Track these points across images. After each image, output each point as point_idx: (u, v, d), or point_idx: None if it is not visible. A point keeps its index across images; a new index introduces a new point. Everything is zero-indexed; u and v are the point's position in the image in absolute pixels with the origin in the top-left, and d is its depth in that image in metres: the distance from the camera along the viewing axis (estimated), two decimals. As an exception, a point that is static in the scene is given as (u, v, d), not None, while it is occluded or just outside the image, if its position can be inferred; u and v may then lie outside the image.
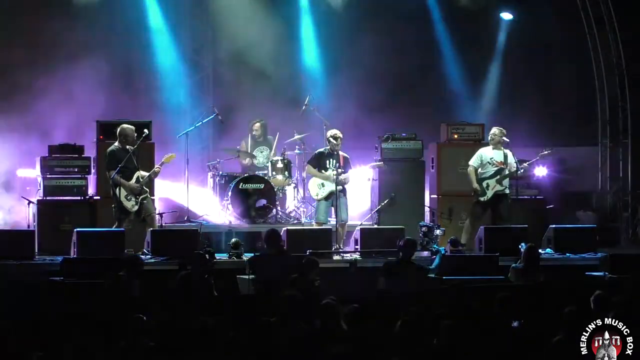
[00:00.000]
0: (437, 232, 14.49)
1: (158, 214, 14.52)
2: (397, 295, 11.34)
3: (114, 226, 13.90)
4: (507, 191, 14.93)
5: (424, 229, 14.53)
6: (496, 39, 18.64)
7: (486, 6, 18.19)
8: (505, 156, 14.90)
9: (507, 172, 14.83)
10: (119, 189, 13.78)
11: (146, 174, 14.08)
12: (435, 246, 14.33)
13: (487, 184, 14.84)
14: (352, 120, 16.96)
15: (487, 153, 14.96)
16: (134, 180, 13.94)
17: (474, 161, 14.94)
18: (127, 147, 14.02)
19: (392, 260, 12.38)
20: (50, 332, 9.24)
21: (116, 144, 14.08)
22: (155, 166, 14.20)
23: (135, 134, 14.16)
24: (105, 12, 16.83)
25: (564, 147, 18.12)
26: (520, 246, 12.94)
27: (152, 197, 14.49)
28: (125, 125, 14.16)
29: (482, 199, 14.86)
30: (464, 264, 13.27)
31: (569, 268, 13.90)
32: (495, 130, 15.07)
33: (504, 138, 14.93)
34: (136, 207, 13.95)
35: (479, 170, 14.89)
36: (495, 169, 14.86)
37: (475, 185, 14.82)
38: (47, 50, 16.78)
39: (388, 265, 12.27)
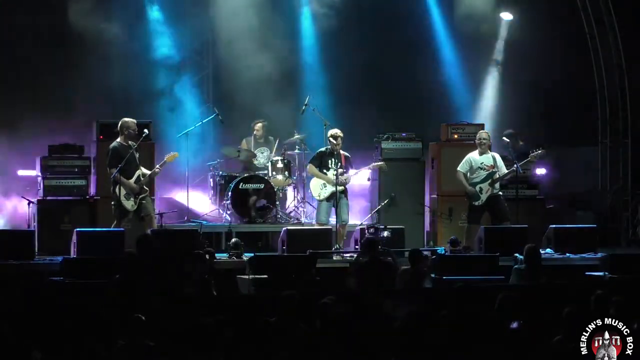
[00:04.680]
0: (385, 233, 14.30)
1: (158, 213, 14.53)
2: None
3: (113, 225, 13.90)
4: (500, 192, 14.93)
5: (370, 230, 14.23)
6: (496, 39, 18.64)
7: (486, 6, 18.17)
8: (494, 159, 14.90)
9: (497, 175, 14.82)
10: (119, 188, 13.77)
11: (147, 172, 14.08)
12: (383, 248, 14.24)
13: (480, 188, 14.82)
14: (352, 120, 16.97)
15: (476, 158, 14.93)
16: (134, 178, 13.93)
17: (462, 166, 14.91)
18: (130, 142, 13.99)
19: (361, 261, 12.41)
20: (50, 332, 9.24)
21: (118, 139, 14.05)
22: (157, 165, 14.19)
23: (137, 127, 14.12)
24: (105, 12, 16.82)
25: (564, 147, 18.13)
26: (515, 255, 12.97)
27: (152, 197, 14.49)
28: (126, 119, 14.12)
29: (476, 203, 14.83)
30: (463, 264, 13.25)
31: (569, 268, 13.90)
32: (484, 134, 15.06)
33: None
34: (135, 207, 13.94)
35: (470, 175, 14.86)
36: (487, 172, 14.85)
37: (469, 188, 14.80)
38: (47, 51, 16.78)
39: (357, 266, 12.32)
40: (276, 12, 17.77)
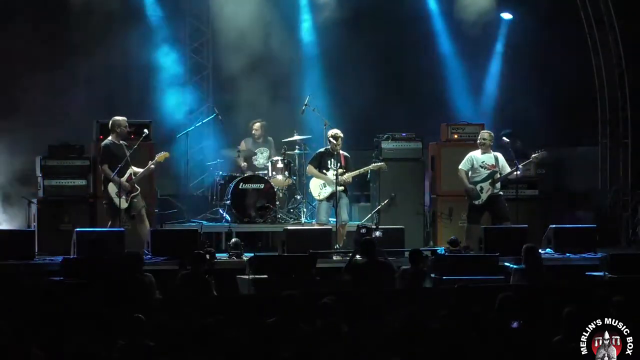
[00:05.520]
0: (377, 233, 14.26)
1: (158, 213, 14.54)
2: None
3: (109, 225, 13.92)
4: (501, 192, 14.92)
5: (362, 230, 14.21)
6: (496, 39, 18.64)
7: (486, 6, 18.18)
8: (496, 159, 14.87)
9: (499, 175, 14.81)
10: (110, 186, 13.81)
11: (139, 170, 14.09)
12: None
13: (481, 187, 14.80)
14: (352, 120, 16.97)
15: (477, 156, 14.91)
16: (125, 177, 13.95)
17: (464, 164, 14.89)
18: (122, 142, 14.02)
19: (357, 260, 12.45)
20: (50, 332, 9.24)
21: (110, 138, 14.08)
22: (149, 164, 14.16)
23: (128, 126, 14.12)
24: (105, 12, 16.82)
25: (564, 147, 18.13)
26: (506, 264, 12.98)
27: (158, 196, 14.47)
28: (117, 117, 14.17)
29: (476, 202, 14.82)
30: (463, 264, 13.25)
31: (569, 268, 13.90)
32: (485, 134, 15.03)
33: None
34: (125, 205, 13.95)
35: (471, 174, 14.85)
36: (488, 172, 14.83)
37: (469, 186, 14.79)
38: (46, 51, 16.79)
39: (352, 265, 12.35)
40: (277, 12, 17.77)
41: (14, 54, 16.66)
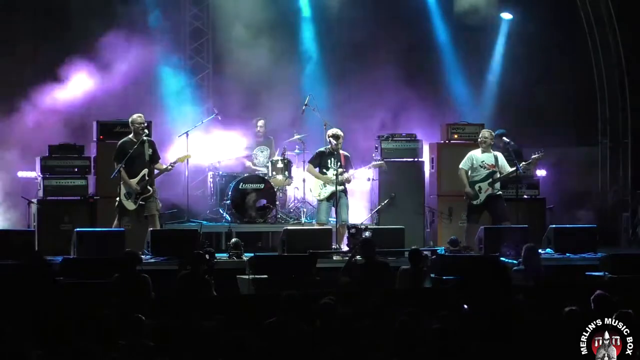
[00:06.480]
0: (366, 233, 14.25)
1: (158, 213, 14.54)
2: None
3: (114, 223, 13.91)
4: (500, 192, 14.92)
5: (352, 230, 14.19)
6: (496, 39, 18.64)
7: (486, 6, 18.18)
8: (496, 158, 14.87)
9: (498, 174, 14.81)
10: (121, 185, 13.81)
11: (162, 166, 14.10)
12: None
13: (480, 187, 14.81)
14: (352, 119, 16.97)
15: (477, 156, 14.92)
16: (138, 177, 13.94)
17: (464, 164, 14.91)
18: (146, 139, 14.02)
19: (356, 260, 12.45)
20: (50, 332, 9.24)
21: (130, 135, 14.13)
22: (169, 163, 14.20)
23: (140, 121, 14.11)
24: (105, 12, 16.83)
25: (564, 147, 18.13)
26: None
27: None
28: (134, 115, 14.21)
29: (475, 202, 14.83)
30: (464, 264, 13.24)
31: (569, 268, 13.90)
32: (485, 133, 15.04)
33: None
34: (134, 207, 13.94)
35: (470, 173, 14.86)
36: (487, 172, 14.83)
37: (468, 188, 14.80)
38: (46, 50, 16.79)
39: (351, 265, 12.35)
40: (277, 11, 17.77)
41: (14, 52, 16.67)
